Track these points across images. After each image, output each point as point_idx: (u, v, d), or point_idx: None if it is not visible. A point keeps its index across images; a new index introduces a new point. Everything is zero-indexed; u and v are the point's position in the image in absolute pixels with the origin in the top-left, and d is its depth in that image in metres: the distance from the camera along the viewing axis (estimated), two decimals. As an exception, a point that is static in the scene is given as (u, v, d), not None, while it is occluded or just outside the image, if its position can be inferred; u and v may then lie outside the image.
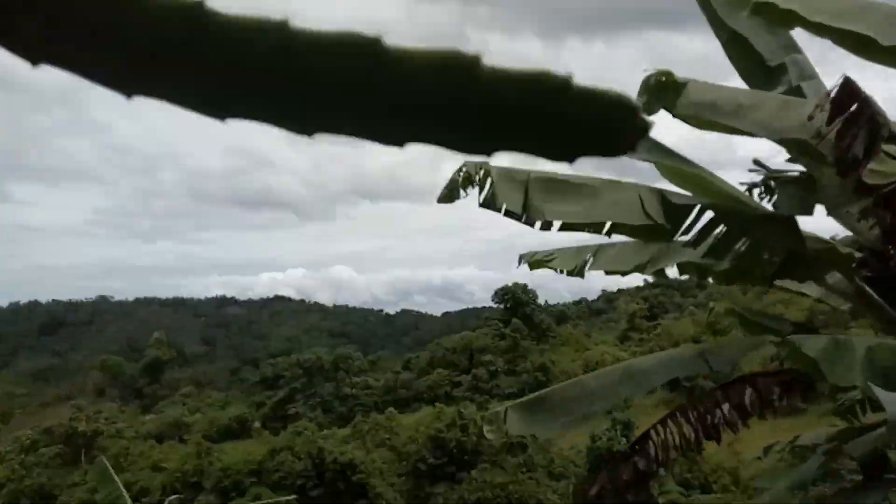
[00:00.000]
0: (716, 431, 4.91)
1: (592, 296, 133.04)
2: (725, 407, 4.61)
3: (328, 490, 49.25)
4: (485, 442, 49.27)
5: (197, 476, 50.91)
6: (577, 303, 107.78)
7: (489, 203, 3.19)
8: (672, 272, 4.87)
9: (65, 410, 65.38)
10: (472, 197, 3.40)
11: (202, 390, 78.71)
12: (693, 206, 3.41)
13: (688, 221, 3.54)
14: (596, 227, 3.53)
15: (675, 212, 3.32)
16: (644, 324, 72.02)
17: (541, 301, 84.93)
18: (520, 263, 5.34)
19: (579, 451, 48.09)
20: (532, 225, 3.32)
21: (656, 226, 3.52)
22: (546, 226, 3.35)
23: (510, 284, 78.07)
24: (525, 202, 3.19)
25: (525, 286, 78.31)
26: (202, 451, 53.64)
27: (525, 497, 42.63)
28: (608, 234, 3.54)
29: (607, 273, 5.05)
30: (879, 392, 2.13)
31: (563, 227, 3.44)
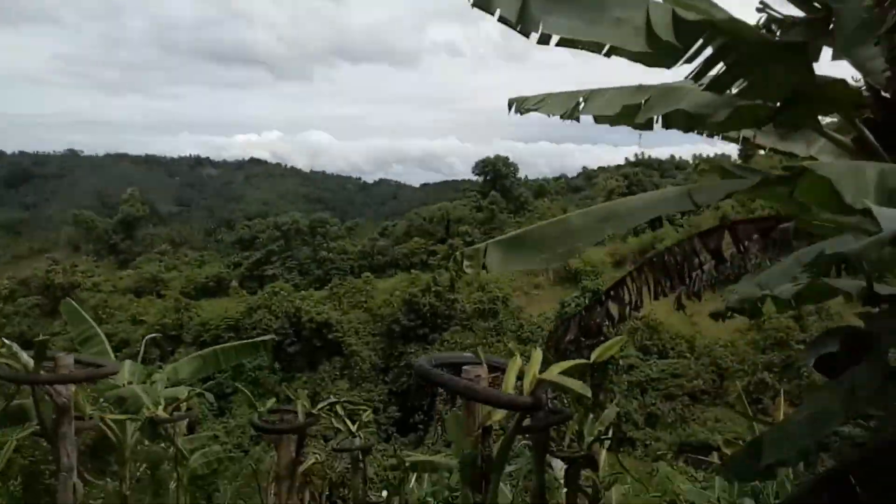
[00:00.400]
0: (690, 280, 4.93)
1: (572, 173, 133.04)
2: (703, 255, 4.59)
3: (305, 347, 51.43)
4: (457, 307, 51.11)
5: (176, 329, 52.49)
6: (557, 178, 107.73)
7: (483, 3, 2.87)
8: (659, 128, 4.60)
9: (40, 263, 65.53)
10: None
11: (178, 249, 79.09)
12: (704, 28, 3.11)
13: (695, 46, 3.26)
14: (597, 47, 3.24)
15: (684, 31, 3.03)
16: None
17: (521, 176, 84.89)
18: (510, 109, 5.05)
19: (548, 318, 50.32)
20: (527, 36, 3.02)
21: (659, 50, 3.24)
22: (544, 39, 3.05)
23: (491, 157, 77.49)
24: (522, 9, 2.87)
25: (506, 159, 77.85)
26: (181, 306, 54.92)
27: (494, 357, 45.03)
28: (607, 55, 3.26)
29: (597, 120, 4.79)
30: (876, 209, 2.03)
31: (560, 43, 3.14)
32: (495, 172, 76.84)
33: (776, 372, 38.32)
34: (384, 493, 15.44)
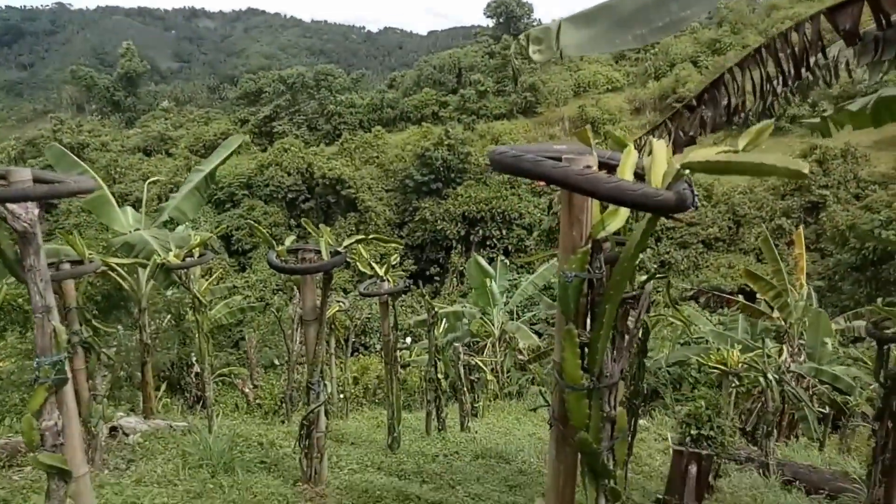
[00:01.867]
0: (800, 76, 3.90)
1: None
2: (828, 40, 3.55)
3: (319, 203, 51.40)
4: (472, 160, 50.09)
5: (190, 188, 52.37)
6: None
7: None
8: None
9: (45, 124, 64.37)
10: None
11: (182, 107, 77.03)
12: None
13: None
14: None
15: None
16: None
17: (536, 18, 79.39)
18: None
19: (562, 170, 49.38)
20: None
21: None
22: None
23: (504, -4, 72.09)
24: None
25: (520, -1, 72.43)
26: (192, 164, 54.36)
27: (508, 210, 44.84)
28: None
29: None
30: None
31: None
32: (508, 14, 71.95)
33: (795, 217, 37.91)
34: (408, 340, 15.86)
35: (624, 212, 2.07)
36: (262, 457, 5.77)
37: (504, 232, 44.78)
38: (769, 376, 7.51)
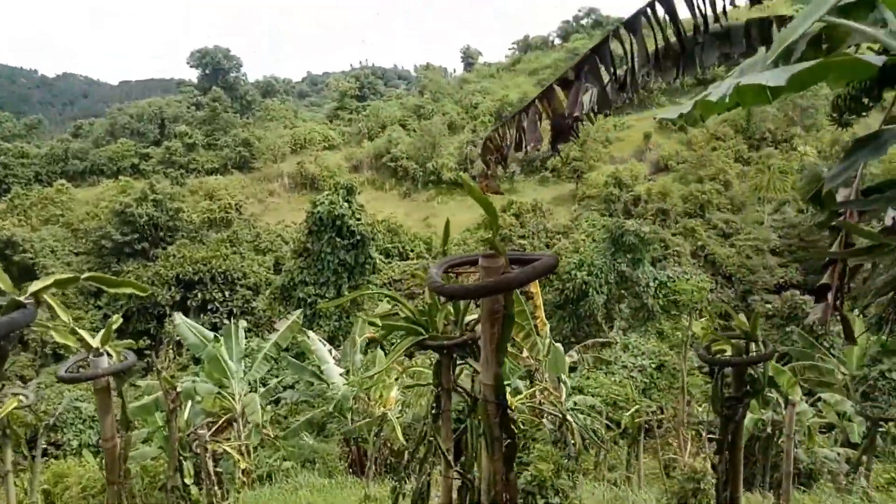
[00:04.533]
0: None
1: (297, 78, 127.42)
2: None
3: (-21, 273, 41.16)
4: (183, 216, 45.36)
5: None
6: (286, 80, 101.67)
7: None
8: None
9: None
10: None
11: None
12: None
13: None
14: None
15: None
16: (354, 104, 71.08)
17: (243, 72, 77.07)
18: None
19: (287, 226, 47.67)
20: None
21: None
22: None
23: (210, 47, 68.48)
24: None
25: (228, 51, 69.62)
26: None
27: (230, 270, 41.27)
28: None
29: None
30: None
31: None
32: (215, 66, 68.57)
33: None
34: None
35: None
36: None
37: (227, 294, 41.01)
38: (568, 416, 7.18)
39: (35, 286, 3.07)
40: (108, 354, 4.47)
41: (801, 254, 42.55)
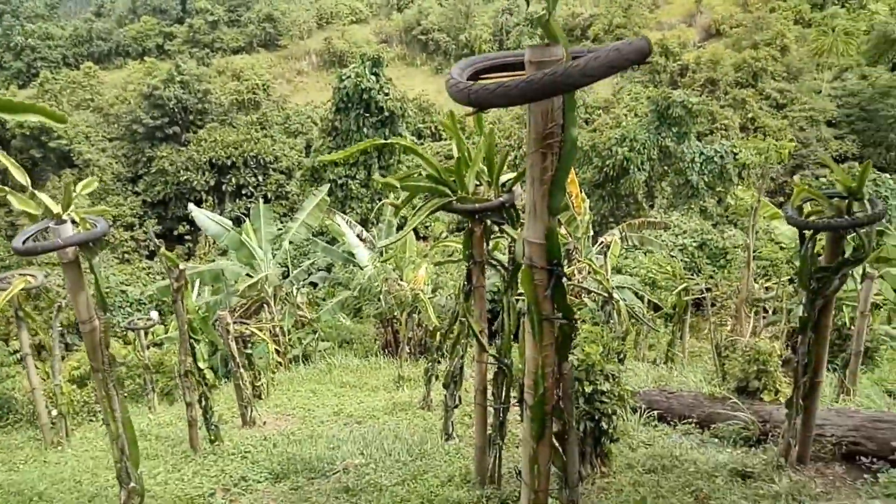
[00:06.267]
0: None
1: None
2: None
3: (19, 160, 41.40)
4: (212, 98, 44.26)
5: None
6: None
7: None
8: None
9: None
10: None
11: None
12: None
13: None
14: None
15: None
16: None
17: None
18: None
19: (316, 107, 46.20)
20: None
21: None
22: None
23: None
24: None
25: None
26: None
27: (262, 154, 40.58)
28: None
29: None
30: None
31: None
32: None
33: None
34: (154, 315, 12.52)
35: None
36: None
37: (261, 178, 40.70)
38: (614, 294, 6.40)
39: None
40: (74, 222, 3.75)
41: (860, 124, 39.57)
